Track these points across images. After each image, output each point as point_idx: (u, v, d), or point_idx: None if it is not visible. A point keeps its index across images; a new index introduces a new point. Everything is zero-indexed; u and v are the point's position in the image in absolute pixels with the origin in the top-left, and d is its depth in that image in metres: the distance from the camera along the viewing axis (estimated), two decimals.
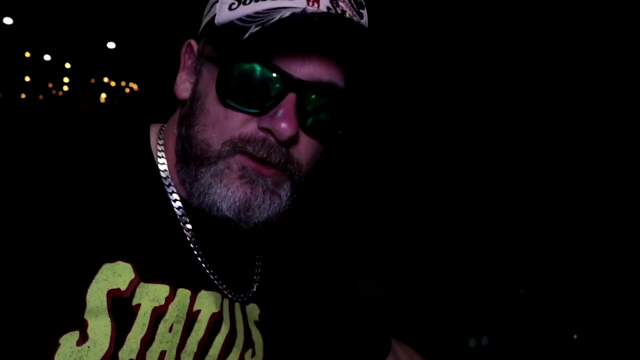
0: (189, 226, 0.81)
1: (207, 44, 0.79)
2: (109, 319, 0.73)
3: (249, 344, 0.86)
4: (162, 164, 0.83)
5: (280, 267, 0.96)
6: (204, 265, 0.82)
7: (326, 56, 0.74)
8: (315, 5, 0.73)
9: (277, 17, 0.68)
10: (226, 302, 0.85)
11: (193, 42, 0.85)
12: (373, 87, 0.83)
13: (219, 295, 0.84)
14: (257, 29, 0.68)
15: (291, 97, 0.73)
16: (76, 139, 0.82)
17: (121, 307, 0.74)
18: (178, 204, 0.81)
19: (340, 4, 0.76)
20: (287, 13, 0.69)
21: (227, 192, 0.74)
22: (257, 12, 0.72)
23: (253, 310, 0.90)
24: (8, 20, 32.89)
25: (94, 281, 0.73)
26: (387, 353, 1.06)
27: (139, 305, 0.75)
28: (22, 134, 0.79)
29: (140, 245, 0.77)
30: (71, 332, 0.70)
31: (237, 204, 0.74)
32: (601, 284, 2.74)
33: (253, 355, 0.87)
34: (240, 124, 0.74)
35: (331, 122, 0.78)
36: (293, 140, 0.75)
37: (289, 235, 1.00)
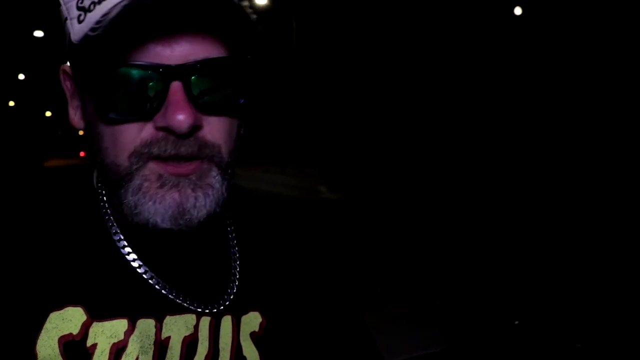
0: (133, 256, 0.79)
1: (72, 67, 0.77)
2: None
3: None
4: (102, 200, 0.82)
5: (266, 263, 0.89)
6: (162, 290, 0.79)
7: (191, 31, 0.70)
8: None
9: (114, 13, 0.65)
10: (205, 320, 0.80)
11: (66, 67, 0.81)
12: (261, 40, 0.77)
13: (191, 316, 0.80)
14: (96, 32, 0.66)
15: (175, 86, 0.69)
16: (14, 188, 0.83)
17: (75, 350, 0.73)
18: (118, 236, 0.80)
19: None
20: (120, 5, 0.65)
21: (155, 205, 0.71)
22: (104, 14, 0.68)
23: (252, 320, 0.84)
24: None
25: (42, 331, 0.72)
26: None
27: (95, 345, 0.74)
28: None
29: (86, 286, 0.76)
30: None
31: (170, 212, 0.71)
32: (601, 315, 2.59)
33: None
34: (137, 133, 0.71)
35: (228, 93, 0.74)
36: (196, 128, 0.71)
37: (268, 226, 0.94)
